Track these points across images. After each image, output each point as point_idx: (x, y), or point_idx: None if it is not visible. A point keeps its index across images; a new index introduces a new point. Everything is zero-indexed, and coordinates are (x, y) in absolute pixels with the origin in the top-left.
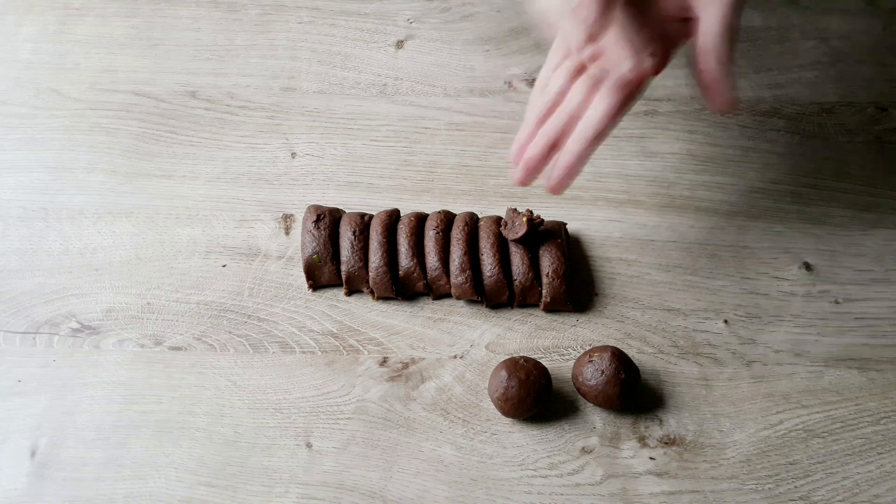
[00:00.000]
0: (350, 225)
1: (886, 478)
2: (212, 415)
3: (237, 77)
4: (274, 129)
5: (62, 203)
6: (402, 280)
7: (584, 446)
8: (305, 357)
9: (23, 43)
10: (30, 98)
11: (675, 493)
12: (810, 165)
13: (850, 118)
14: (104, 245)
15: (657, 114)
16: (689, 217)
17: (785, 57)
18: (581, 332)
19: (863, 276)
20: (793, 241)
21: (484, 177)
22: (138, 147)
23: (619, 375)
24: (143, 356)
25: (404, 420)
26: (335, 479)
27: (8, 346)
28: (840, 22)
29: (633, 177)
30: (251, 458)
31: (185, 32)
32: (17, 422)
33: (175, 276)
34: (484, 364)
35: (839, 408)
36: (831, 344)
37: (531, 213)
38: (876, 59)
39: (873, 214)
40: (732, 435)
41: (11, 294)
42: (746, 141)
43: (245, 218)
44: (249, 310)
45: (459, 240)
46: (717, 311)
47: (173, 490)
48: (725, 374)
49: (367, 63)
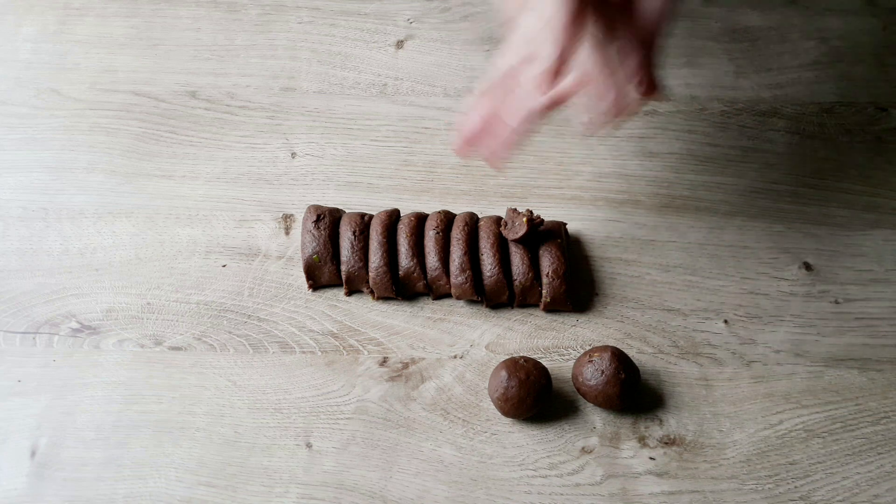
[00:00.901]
0: (350, 225)
1: (886, 478)
2: (212, 415)
3: (237, 77)
4: (274, 129)
5: (62, 203)
6: (402, 280)
7: (584, 446)
8: (305, 357)
9: (23, 43)
10: (30, 98)
11: (675, 493)
12: (810, 165)
13: (850, 118)
14: (104, 245)
15: (657, 114)
16: (689, 217)
17: (785, 57)
18: (581, 332)
19: (863, 276)
20: (793, 241)
21: (484, 177)
22: (138, 147)
23: (619, 375)
24: (143, 356)
25: (404, 420)
26: (335, 479)
27: (8, 346)
28: (840, 22)
29: (633, 177)
30: (251, 458)
31: (185, 32)
32: (17, 422)
33: (175, 276)
34: (484, 364)
35: (839, 408)
36: (831, 344)
37: (531, 213)
38: (876, 59)
39: (873, 214)
40: (732, 435)
41: (11, 294)
42: (746, 141)
43: (245, 218)
44: (249, 310)
45: (459, 240)
46: (717, 311)
47: (173, 490)
48: (725, 374)
49: (367, 63)
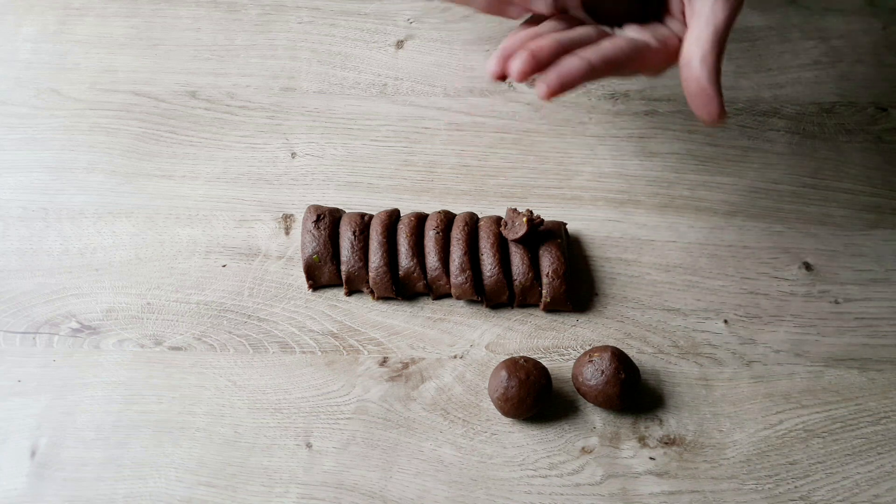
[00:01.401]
0: (350, 225)
1: (886, 478)
2: (212, 415)
3: (237, 77)
4: (274, 129)
5: (62, 203)
6: (402, 280)
7: (584, 446)
8: (305, 357)
9: (23, 43)
10: (30, 98)
11: (675, 493)
12: (810, 165)
13: (850, 118)
14: (104, 245)
15: (657, 114)
16: (689, 217)
17: (785, 57)
18: (581, 332)
19: (863, 276)
20: (793, 241)
21: (484, 177)
22: (138, 147)
23: (619, 375)
24: (143, 356)
25: (404, 420)
26: (335, 479)
27: (8, 346)
28: (840, 22)
29: (633, 177)
30: (251, 458)
31: (185, 32)
32: (17, 422)
33: (175, 276)
34: (484, 364)
35: (839, 408)
36: (831, 344)
37: (531, 213)
38: (876, 59)
39: (873, 214)
40: (732, 435)
41: (11, 294)
42: (746, 141)
43: (245, 218)
44: (249, 310)
45: (459, 240)
46: (717, 311)
47: (173, 490)
48: (725, 374)
49: (367, 63)
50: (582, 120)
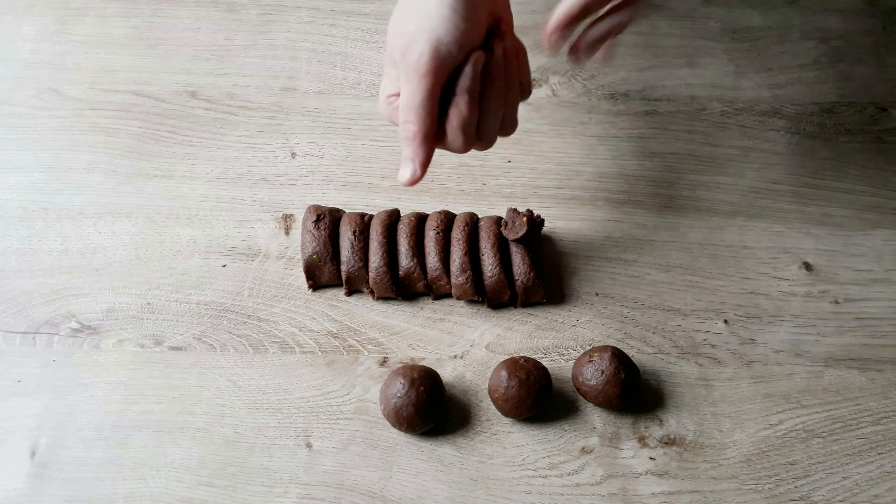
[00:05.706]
0: (350, 225)
1: (886, 478)
2: (212, 415)
3: (237, 77)
4: (274, 129)
5: (62, 203)
6: (403, 280)
7: (584, 446)
8: (305, 357)
9: (23, 43)
10: (30, 98)
11: (675, 493)
12: (810, 165)
13: (850, 118)
14: (104, 245)
15: (657, 114)
16: (689, 217)
17: (785, 57)
18: (581, 332)
19: (863, 276)
20: (793, 241)
21: (484, 177)
22: (138, 147)
23: (619, 375)
24: (143, 356)
25: None
26: (335, 479)
27: (8, 346)
28: (840, 22)
29: (633, 177)
30: (251, 458)
31: (185, 32)
32: (17, 422)
33: (175, 276)
34: (484, 364)
35: (839, 408)
36: (831, 344)
37: (531, 212)
38: (876, 59)
39: (873, 214)
40: (732, 435)
41: (11, 294)
42: (746, 141)
43: (245, 218)
44: (249, 310)
45: (460, 240)
46: (717, 311)
47: (173, 490)
48: (725, 374)
49: (367, 63)
50: (582, 120)
